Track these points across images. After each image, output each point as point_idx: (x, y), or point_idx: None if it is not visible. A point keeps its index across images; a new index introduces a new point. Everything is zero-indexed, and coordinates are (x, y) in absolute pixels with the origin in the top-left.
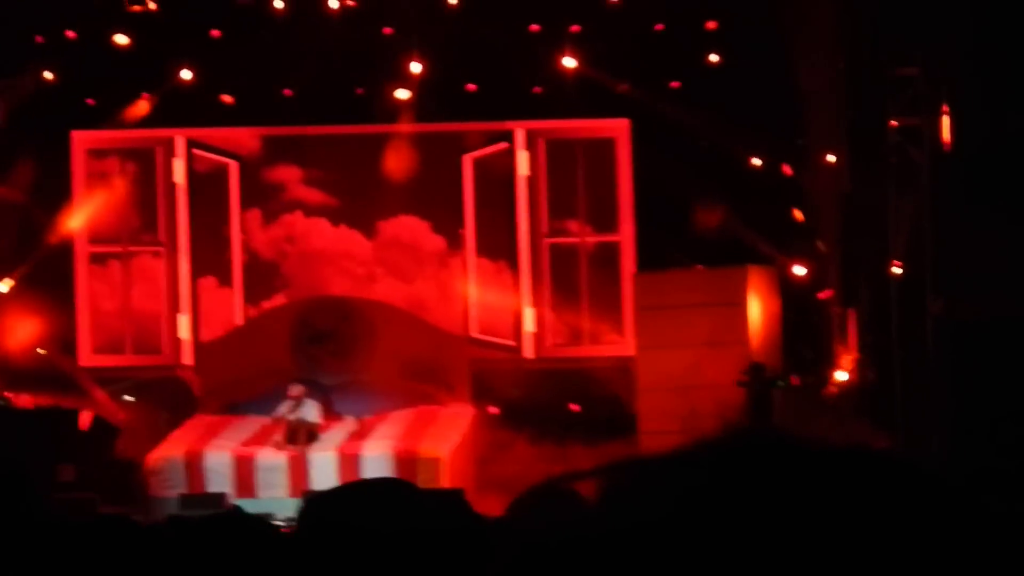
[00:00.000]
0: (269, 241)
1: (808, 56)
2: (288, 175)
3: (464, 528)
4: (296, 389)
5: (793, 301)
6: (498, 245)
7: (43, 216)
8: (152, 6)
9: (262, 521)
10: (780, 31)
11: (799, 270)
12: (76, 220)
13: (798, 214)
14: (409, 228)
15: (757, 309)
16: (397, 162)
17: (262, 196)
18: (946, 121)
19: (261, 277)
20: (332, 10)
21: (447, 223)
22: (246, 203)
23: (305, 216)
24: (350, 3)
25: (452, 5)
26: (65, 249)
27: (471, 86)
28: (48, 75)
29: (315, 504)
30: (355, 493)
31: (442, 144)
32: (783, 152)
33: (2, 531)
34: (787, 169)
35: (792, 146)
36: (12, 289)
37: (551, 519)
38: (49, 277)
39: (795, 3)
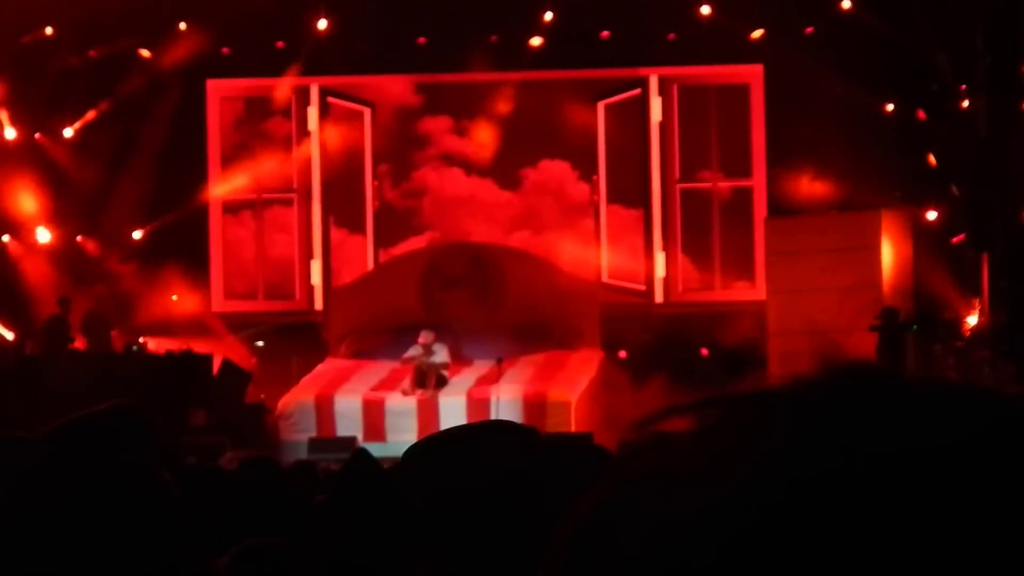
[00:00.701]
0: (403, 189)
1: (944, 2)
2: (424, 123)
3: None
4: (427, 335)
5: (926, 245)
6: (630, 191)
7: (178, 165)
8: None
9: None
10: None
11: (931, 215)
12: (211, 169)
13: (931, 159)
14: (547, 175)
15: (889, 253)
16: (531, 109)
17: (396, 144)
18: None
19: (395, 224)
20: None
21: (582, 170)
22: (380, 151)
23: (440, 163)
24: None
25: None
26: (200, 198)
27: (605, 33)
28: (183, 25)
29: (417, 449)
30: (456, 437)
31: (575, 91)
32: (917, 97)
33: (132, 475)
34: (921, 114)
35: (926, 91)
36: (147, 237)
37: (644, 457)
38: (184, 225)
39: None
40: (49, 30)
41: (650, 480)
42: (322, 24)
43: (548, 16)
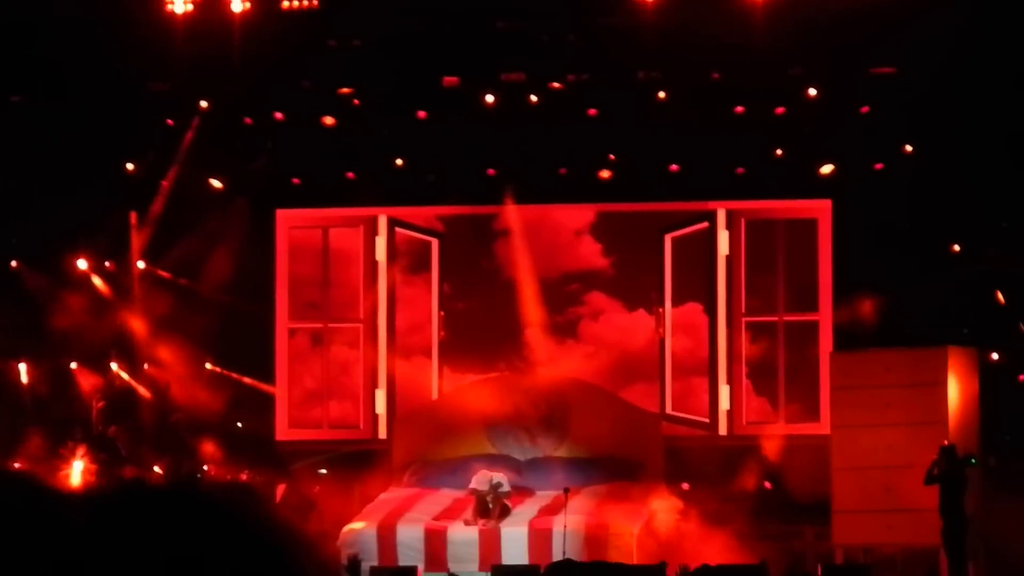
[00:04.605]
0: (468, 316)
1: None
2: (488, 252)
3: None
4: (487, 472)
5: (992, 383)
6: (695, 323)
7: (246, 292)
8: (355, 102)
9: None
10: (985, 116)
11: (999, 352)
12: (279, 298)
13: (1000, 297)
14: (604, 304)
15: (955, 390)
16: (598, 239)
17: (462, 272)
18: None
19: (458, 352)
20: (534, 100)
21: (644, 299)
22: (447, 278)
23: (506, 292)
24: (555, 86)
25: (659, 95)
26: (266, 325)
27: (673, 166)
28: (255, 158)
29: None
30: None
31: (643, 223)
32: (987, 235)
33: None
34: (990, 252)
35: (996, 229)
36: (213, 364)
37: None
38: (249, 353)
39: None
40: (130, 166)
41: None
42: (395, 159)
43: (619, 149)
